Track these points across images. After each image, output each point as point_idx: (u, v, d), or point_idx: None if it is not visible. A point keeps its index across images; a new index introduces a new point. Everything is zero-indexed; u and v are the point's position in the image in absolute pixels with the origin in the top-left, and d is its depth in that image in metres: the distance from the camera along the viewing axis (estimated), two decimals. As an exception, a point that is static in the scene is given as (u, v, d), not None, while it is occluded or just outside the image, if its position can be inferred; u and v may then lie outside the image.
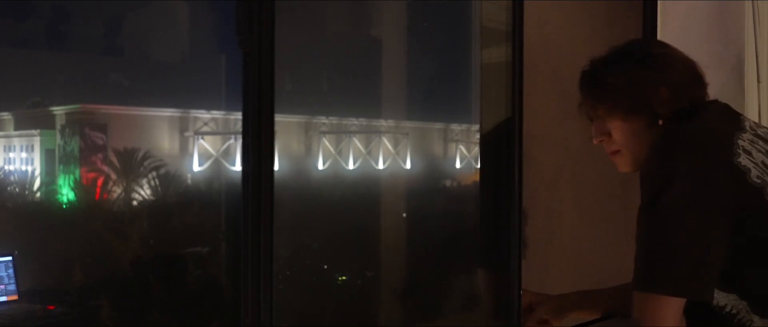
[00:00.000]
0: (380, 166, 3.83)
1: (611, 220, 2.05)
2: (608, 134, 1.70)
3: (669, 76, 1.63)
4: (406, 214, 3.70)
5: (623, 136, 1.67)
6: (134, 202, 3.23)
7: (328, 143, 3.68)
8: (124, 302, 2.95)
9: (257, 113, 1.82)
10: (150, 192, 3.20)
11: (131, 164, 3.13)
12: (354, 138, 3.76)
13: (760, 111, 3.10)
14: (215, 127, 3.39)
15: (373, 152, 3.82)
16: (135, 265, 3.09)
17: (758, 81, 3.11)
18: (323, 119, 3.70)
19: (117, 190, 3.11)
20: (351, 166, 3.75)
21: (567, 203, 2.72)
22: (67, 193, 3.03)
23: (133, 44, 3.20)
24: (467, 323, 3.26)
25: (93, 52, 3.09)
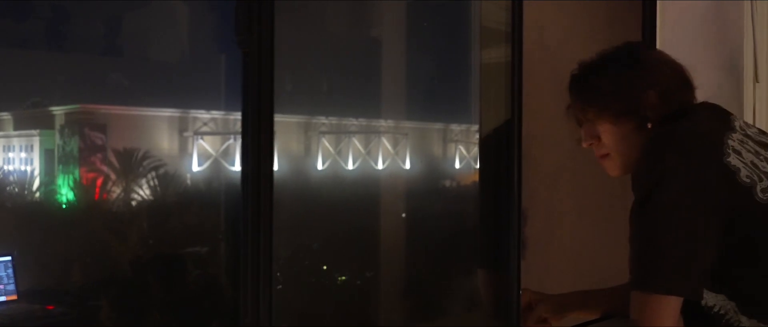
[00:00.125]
0: (380, 167, 3.83)
1: (611, 221, 2.06)
2: (597, 138, 1.71)
3: (658, 80, 1.64)
4: (405, 215, 3.70)
5: (612, 140, 1.68)
6: (133, 202, 3.23)
7: (327, 143, 3.68)
8: (123, 302, 2.95)
9: (257, 113, 1.82)
10: (149, 192, 3.19)
11: (130, 164, 3.13)
12: (353, 138, 3.76)
13: (755, 110, 3.11)
14: (215, 128, 3.39)
15: (373, 152, 3.82)
16: (134, 265, 3.09)
17: (757, 81, 3.12)
18: (323, 119, 3.70)
19: (116, 190, 3.11)
20: (350, 167, 3.75)
21: (567, 203, 2.72)
22: (67, 193, 3.03)
23: (133, 44, 3.19)
24: (467, 323, 3.27)
25: (92, 52, 3.09)
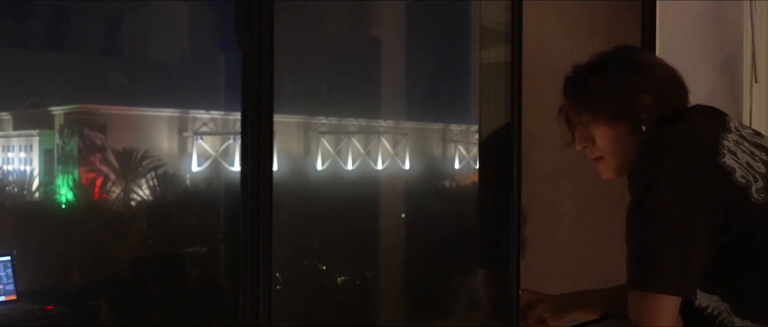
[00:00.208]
0: (379, 167, 3.83)
1: (610, 221, 2.05)
2: (592, 141, 1.71)
3: (652, 83, 1.64)
4: (405, 215, 3.70)
5: (607, 142, 1.68)
6: (133, 202, 3.23)
7: (327, 143, 3.68)
8: (123, 302, 2.95)
9: (256, 113, 1.82)
10: (149, 192, 3.19)
11: (130, 164, 3.13)
12: (353, 138, 3.76)
13: (752, 111, 3.11)
14: (214, 128, 3.39)
15: (372, 153, 3.82)
16: (134, 265, 3.09)
17: (755, 81, 3.11)
18: (322, 119, 3.70)
19: (116, 190, 3.11)
20: (350, 167, 3.75)
21: (566, 203, 2.72)
22: (66, 193, 3.03)
23: (132, 44, 3.19)
24: (466, 323, 3.26)
25: (92, 52, 3.09)
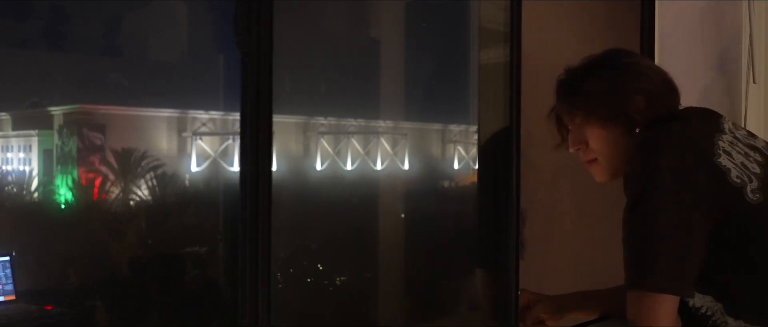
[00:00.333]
0: (378, 167, 3.83)
1: (610, 221, 2.04)
2: (585, 143, 1.71)
3: (645, 85, 1.65)
4: (404, 215, 3.70)
5: (601, 144, 1.68)
6: (132, 203, 3.23)
7: (326, 144, 3.68)
8: (122, 302, 2.95)
9: (255, 114, 1.82)
10: (148, 192, 3.19)
11: (129, 164, 3.13)
12: (352, 139, 3.76)
13: (746, 111, 3.11)
14: (213, 128, 3.39)
15: (372, 153, 3.82)
16: (133, 266, 3.09)
17: (753, 81, 3.12)
18: (321, 120, 3.70)
19: (115, 191, 3.11)
20: (349, 167, 3.75)
21: (565, 204, 2.72)
22: (65, 194, 3.03)
23: (132, 44, 3.19)
24: (465, 323, 3.26)
25: (91, 53, 3.09)
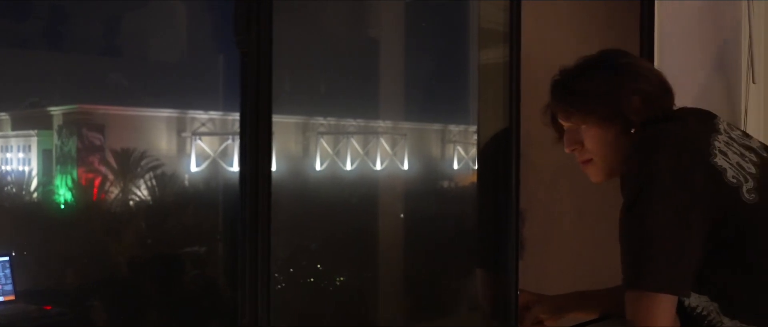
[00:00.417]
0: (378, 167, 3.83)
1: (609, 222, 2.05)
2: (581, 143, 1.71)
3: (640, 85, 1.65)
4: (403, 215, 3.70)
5: (597, 144, 1.69)
6: (131, 203, 3.23)
7: (325, 144, 3.68)
8: (121, 302, 2.95)
9: (255, 114, 1.82)
10: (147, 192, 3.19)
11: (129, 164, 3.13)
12: (352, 139, 3.76)
13: (746, 111, 3.11)
14: (213, 128, 3.39)
15: (371, 153, 3.82)
16: (132, 266, 3.09)
17: (753, 81, 3.12)
18: (321, 120, 3.70)
19: (114, 191, 3.11)
20: (349, 167, 3.75)
21: (565, 204, 2.73)
22: (65, 194, 3.03)
23: (131, 44, 3.19)
24: (465, 323, 3.27)
25: (91, 53, 3.09)
